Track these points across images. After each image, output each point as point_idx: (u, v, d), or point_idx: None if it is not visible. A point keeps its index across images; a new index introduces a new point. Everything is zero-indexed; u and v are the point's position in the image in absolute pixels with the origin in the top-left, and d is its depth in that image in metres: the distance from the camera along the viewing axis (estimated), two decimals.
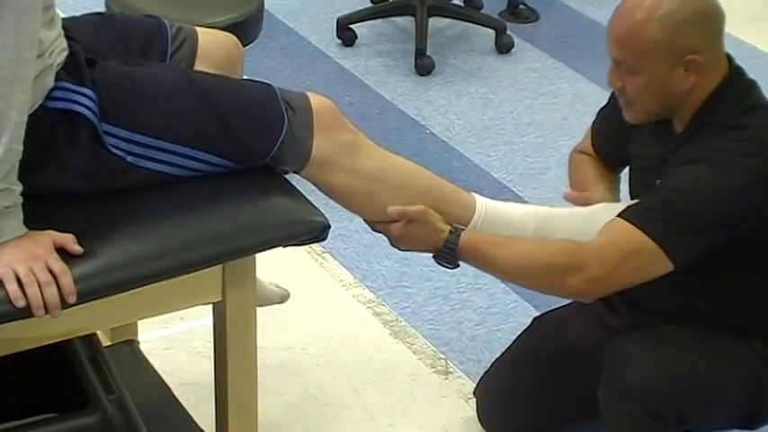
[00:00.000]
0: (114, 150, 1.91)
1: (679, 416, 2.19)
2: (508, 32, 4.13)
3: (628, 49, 2.17)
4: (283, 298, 2.58)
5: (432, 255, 2.22)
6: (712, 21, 2.16)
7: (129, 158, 1.92)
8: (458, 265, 2.23)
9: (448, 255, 2.20)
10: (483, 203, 2.23)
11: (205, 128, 1.95)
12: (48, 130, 1.86)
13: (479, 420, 2.63)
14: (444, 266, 2.23)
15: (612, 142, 2.41)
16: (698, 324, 2.27)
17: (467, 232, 2.20)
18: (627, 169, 2.41)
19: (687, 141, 2.19)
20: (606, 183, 2.42)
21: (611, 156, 2.43)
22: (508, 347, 2.58)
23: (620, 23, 2.18)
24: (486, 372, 2.61)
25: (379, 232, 2.24)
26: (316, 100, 2.09)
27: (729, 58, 2.20)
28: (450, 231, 2.19)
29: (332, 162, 2.07)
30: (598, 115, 2.48)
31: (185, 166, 1.96)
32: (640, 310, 2.33)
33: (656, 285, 2.17)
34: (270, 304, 2.56)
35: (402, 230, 2.20)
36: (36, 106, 1.84)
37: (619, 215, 2.17)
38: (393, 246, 2.25)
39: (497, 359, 2.59)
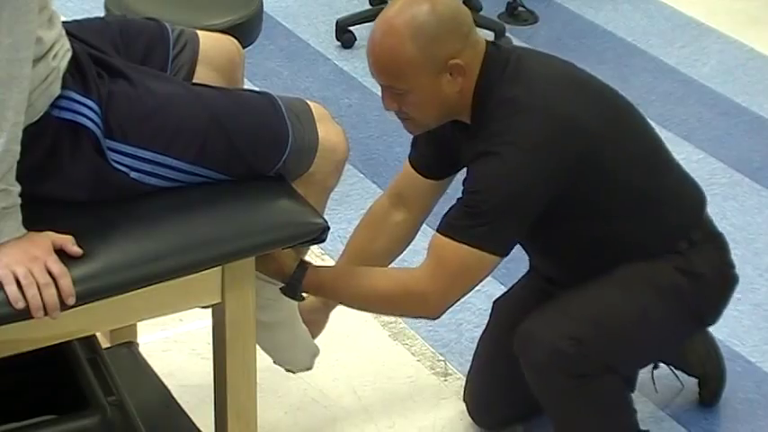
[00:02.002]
0: (118, 167, 1.90)
1: (607, 367, 2.26)
2: (507, 34, 4.14)
3: (391, 74, 2.20)
4: None
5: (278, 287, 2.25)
6: (461, 23, 2.21)
7: (133, 174, 1.92)
8: (302, 298, 2.27)
9: (292, 290, 2.24)
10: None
11: (210, 146, 1.95)
12: (51, 139, 1.86)
13: (471, 417, 2.64)
14: (289, 297, 2.26)
15: (440, 158, 2.42)
16: (601, 269, 2.31)
17: (313, 268, 2.25)
18: None
19: (475, 135, 2.24)
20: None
21: (444, 171, 2.44)
22: (480, 337, 2.61)
23: (377, 51, 2.19)
24: (470, 367, 2.63)
25: None
26: (331, 138, 2.09)
27: (485, 42, 2.25)
28: (297, 266, 2.22)
29: (305, 192, 2.07)
30: (413, 147, 2.47)
31: (188, 182, 1.96)
32: (557, 280, 2.42)
33: (544, 254, 2.32)
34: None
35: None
36: (41, 114, 1.84)
37: (437, 229, 2.23)
38: None
39: (475, 352, 2.61)
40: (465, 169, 2.29)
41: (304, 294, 2.26)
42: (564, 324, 2.26)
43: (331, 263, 3.10)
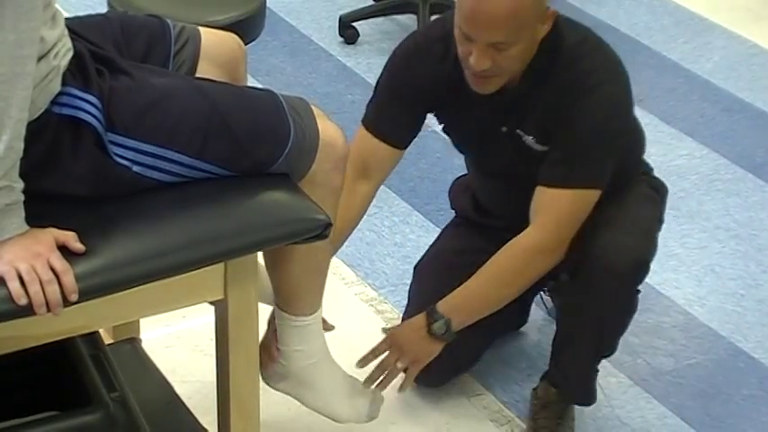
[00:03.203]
0: (119, 160, 1.90)
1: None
2: None
3: (510, 28, 2.21)
4: None
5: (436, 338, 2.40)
6: None
7: (135, 168, 1.91)
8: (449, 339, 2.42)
9: (435, 321, 2.39)
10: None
11: (213, 140, 1.95)
12: (52, 136, 1.86)
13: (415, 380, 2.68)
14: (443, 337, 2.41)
15: (407, 123, 2.47)
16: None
17: (440, 305, 2.40)
18: None
19: (554, 79, 2.30)
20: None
21: (409, 137, 2.50)
22: (408, 302, 2.69)
23: (496, 7, 2.18)
24: None
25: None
26: (330, 133, 2.08)
27: None
28: (430, 316, 2.39)
29: (310, 191, 2.07)
30: (370, 108, 2.51)
31: (190, 176, 1.96)
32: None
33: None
34: None
35: (396, 350, 2.39)
36: (42, 111, 1.84)
37: (546, 184, 2.33)
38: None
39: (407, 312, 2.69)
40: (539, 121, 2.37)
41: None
42: (639, 238, 2.39)
43: (333, 260, 3.11)
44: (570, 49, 2.31)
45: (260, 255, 2.09)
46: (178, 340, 2.81)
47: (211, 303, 2.08)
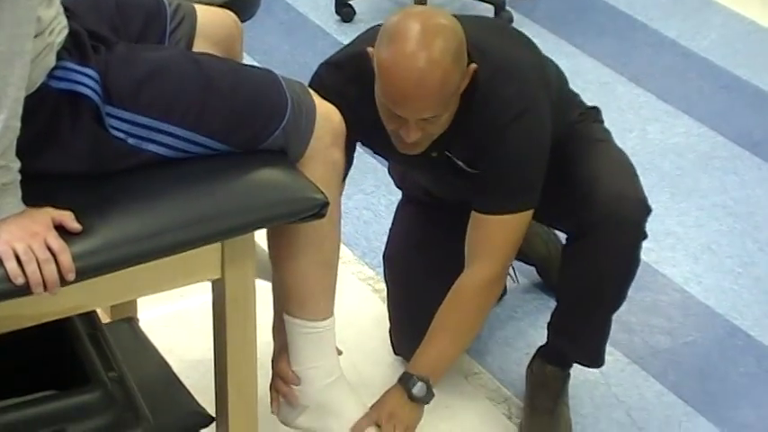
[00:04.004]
0: (116, 133, 1.89)
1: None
2: (507, 8, 4.12)
3: (440, 104, 2.20)
4: None
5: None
6: (461, 29, 2.22)
7: (131, 141, 1.91)
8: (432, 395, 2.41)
9: (412, 386, 2.38)
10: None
11: (209, 112, 1.94)
12: (50, 110, 1.85)
13: (396, 351, 2.73)
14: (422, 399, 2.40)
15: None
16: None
17: (412, 368, 2.40)
18: None
19: (455, 128, 2.30)
20: None
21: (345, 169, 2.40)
22: (388, 290, 2.72)
23: (422, 89, 2.15)
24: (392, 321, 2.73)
25: None
26: (325, 108, 2.08)
27: None
28: (406, 383, 2.38)
29: (312, 169, 2.06)
30: None
31: (186, 149, 1.95)
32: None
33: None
34: None
35: (389, 421, 2.36)
36: (38, 86, 1.83)
37: (482, 212, 2.34)
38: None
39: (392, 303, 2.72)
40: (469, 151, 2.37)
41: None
42: (631, 180, 2.44)
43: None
44: (483, 85, 2.29)
45: (258, 234, 2.09)
46: (176, 319, 2.81)
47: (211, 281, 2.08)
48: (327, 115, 2.08)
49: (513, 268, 2.87)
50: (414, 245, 2.71)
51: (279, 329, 2.31)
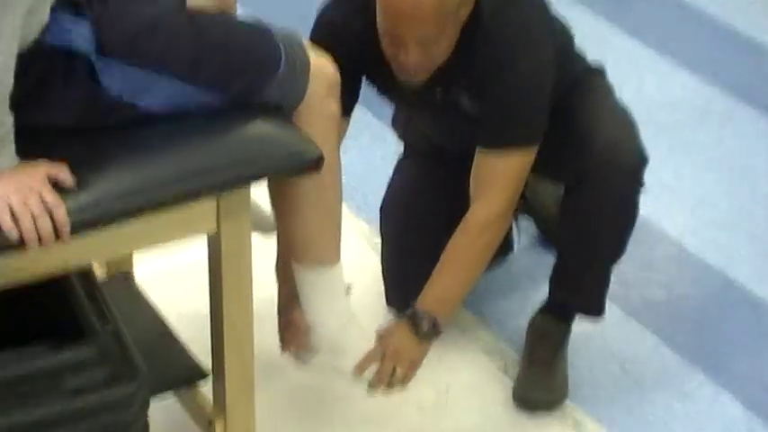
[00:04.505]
0: (110, 86, 1.88)
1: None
2: None
3: (439, 20, 2.20)
4: None
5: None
6: None
7: (125, 95, 1.90)
8: (440, 331, 2.41)
9: (419, 322, 2.37)
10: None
11: (202, 64, 1.93)
12: (44, 65, 1.84)
13: (389, 301, 2.73)
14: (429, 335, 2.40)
15: (352, 97, 2.44)
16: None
17: (419, 304, 2.39)
18: None
19: (459, 63, 2.31)
20: None
21: (351, 109, 2.45)
22: (382, 243, 2.71)
23: (421, 6, 2.16)
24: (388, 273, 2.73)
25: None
26: (319, 60, 2.07)
27: None
28: (414, 319, 2.37)
29: (309, 121, 2.05)
30: None
31: (180, 103, 1.94)
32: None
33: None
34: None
35: (391, 357, 2.36)
36: (31, 41, 1.82)
37: (484, 150, 2.35)
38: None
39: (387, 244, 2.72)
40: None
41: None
42: (630, 130, 2.47)
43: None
44: (487, 21, 2.31)
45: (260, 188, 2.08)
46: (171, 274, 2.81)
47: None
48: (321, 67, 2.07)
49: (516, 227, 2.87)
50: (411, 196, 2.71)
51: (285, 278, 2.34)
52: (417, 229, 2.65)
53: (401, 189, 2.76)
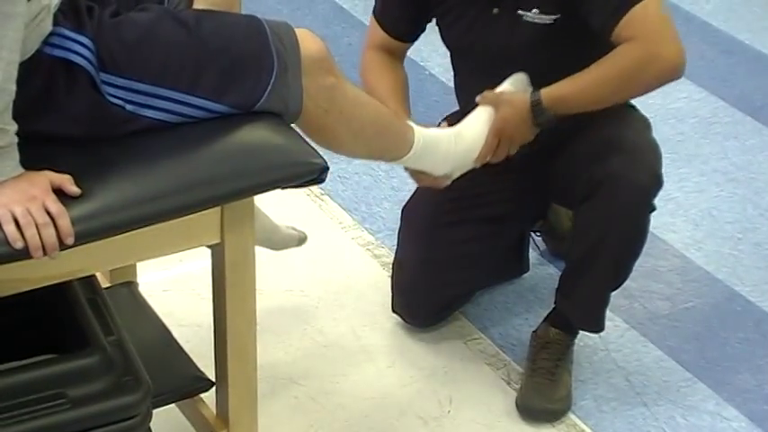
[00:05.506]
0: (113, 100, 1.89)
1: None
2: None
3: None
4: (301, 240, 2.59)
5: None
6: None
7: (129, 107, 1.90)
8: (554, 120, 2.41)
9: (541, 115, 2.40)
10: (420, 133, 2.34)
11: (201, 73, 1.93)
12: (45, 77, 1.84)
13: (403, 317, 2.71)
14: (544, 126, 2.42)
15: (408, 15, 2.58)
16: None
17: (546, 97, 2.40)
18: None
19: None
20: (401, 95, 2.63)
21: (409, 29, 2.61)
22: (398, 246, 2.68)
23: None
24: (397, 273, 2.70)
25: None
26: (307, 43, 2.05)
27: None
28: (537, 106, 2.39)
29: (312, 105, 2.04)
30: (384, 7, 2.63)
31: (183, 113, 1.94)
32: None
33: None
34: (287, 248, 2.56)
35: (497, 123, 2.40)
36: (33, 52, 1.82)
37: (611, 23, 2.34)
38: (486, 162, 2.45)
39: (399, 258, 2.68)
40: None
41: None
42: (650, 152, 2.46)
43: (330, 204, 3.10)
44: None
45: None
46: (175, 284, 2.81)
47: (208, 247, 2.07)
48: (309, 51, 2.04)
49: (533, 239, 2.88)
50: (432, 202, 2.64)
51: None
52: (441, 230, 2.62)
53: (425, 193, 2.67)
